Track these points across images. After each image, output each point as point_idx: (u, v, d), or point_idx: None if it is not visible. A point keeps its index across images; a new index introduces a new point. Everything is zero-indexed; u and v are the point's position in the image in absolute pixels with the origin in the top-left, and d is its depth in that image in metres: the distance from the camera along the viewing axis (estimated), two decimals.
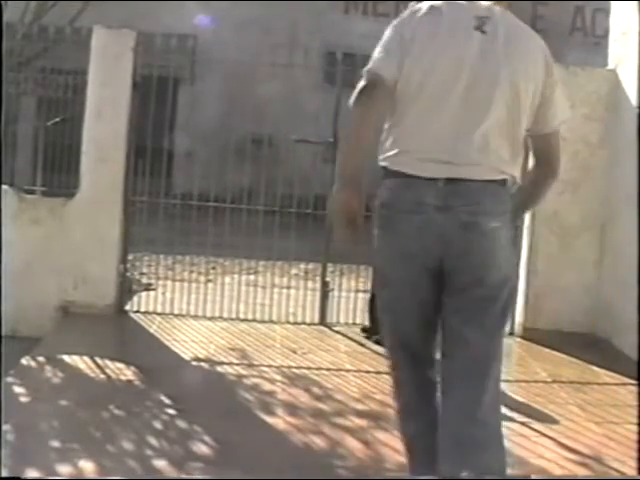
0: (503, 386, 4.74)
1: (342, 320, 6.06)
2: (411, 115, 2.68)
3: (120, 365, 4.75)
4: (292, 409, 4.22)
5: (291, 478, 3.42)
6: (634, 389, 4.80)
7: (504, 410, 4.33)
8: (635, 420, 4.25)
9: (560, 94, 2.85)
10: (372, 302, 5.72)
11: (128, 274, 6.26)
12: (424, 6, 2.72)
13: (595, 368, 5.26)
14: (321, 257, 6.28)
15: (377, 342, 5.22)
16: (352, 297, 6.22)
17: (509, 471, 3.59)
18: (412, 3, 2.75)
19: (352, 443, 3.83)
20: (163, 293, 6.47)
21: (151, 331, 5.65)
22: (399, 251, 2.72)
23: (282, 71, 10.34)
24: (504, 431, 4.01)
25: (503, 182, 2.69)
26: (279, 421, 4.06)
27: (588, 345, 5.77)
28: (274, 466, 3.56)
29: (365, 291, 6.72)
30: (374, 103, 2.67)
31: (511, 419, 4.23)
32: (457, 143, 2.65)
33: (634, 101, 5.82)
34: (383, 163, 2.73)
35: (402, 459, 3.62)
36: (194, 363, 4.99)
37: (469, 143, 2.65)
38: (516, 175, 2.76)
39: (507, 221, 2.71)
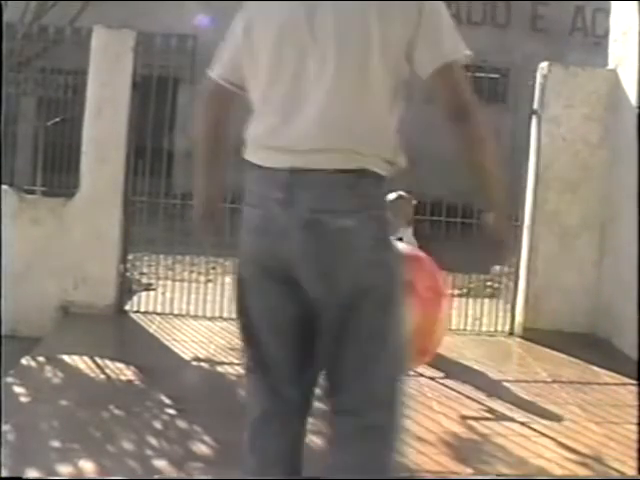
0: (503, 386, 4.77)
1: None
2: (256, 102, 2.38)
3: (120, 365, 4.75)
4: None
5: (291, 478, 3.42)
6: (634, 389, 4.80)
7: (504, 410, 4.36)
8: (635, 420, 4.25)
9: (446, 27, 2.30)
10: None
11: (128, 274, 6.26)
12: None
13: (595, 368, 5.26)
14: None
15: None
16: None
17: (509, 471, 3.61)
18: None
19: None
20: (163, 293, 6.47)
21: (151, 331, 5.65)
22: (246, 251, 2.37)
23: None
24: (504, 431, 4.04)
25: (362, 171, 2.23)
26: None
27: (588, 345, 5.77)
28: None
29: None
30: (212, 109, 2.53)
31: (511, 419, 4.24)
32: (297, 126, 2.25)
33: (634, 101, 5.82)
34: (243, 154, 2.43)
35: (402, 459, 3.63)
36: (194, 363, 4.99)
37: (310, 125, 2.24)
38: (387, 156, 2.29)
39: (371, 219, 2.24)
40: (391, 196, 5.53)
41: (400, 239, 5.41)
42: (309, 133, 2.24)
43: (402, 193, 5.63)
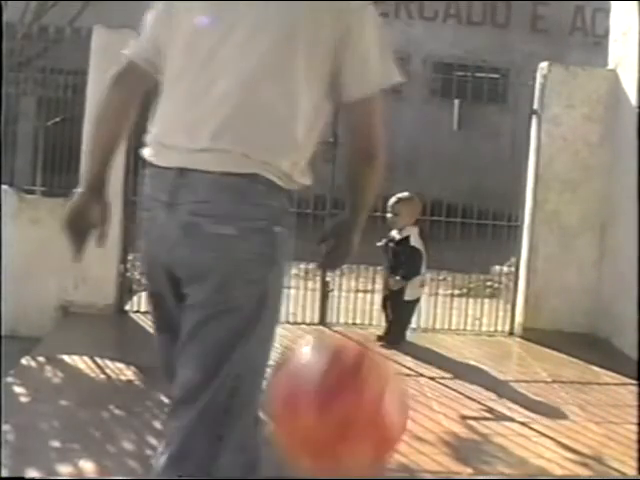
0: (503, 386, 4.77)
1: (342, 320, 6.06)
2: (163, 92, 2.22)
3: (120, 365, 4.74)
4: None
5: (291, 478, 3.42)
6: (634, 389, 4.80)
7: (504, 410, 4.36)
8: (635, 420, 4.25)
9: (376, 50, 2.16)
10: (385, 306, 5.68)
11: (128, 274, 6.26)
12: None
13: (595, 368, 5.26)
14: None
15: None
16: (352, 297, 6.22)
17: (509, 471, 3.61)
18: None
19: None
20: None
21: (151, 331, 5.62)
22: (141, 255, 2.29)
23: None
24: (504, 431, 4.04)
25: (254, 177, 2.05)
26: None
27: (588, 345, 5.78)
28: (274, 466, 3.55)
29: (365, 291, 6.72)
30: (121, 88, 2.29)
31: (511, 419, 4.24)
32: (193, 123, 2.10)
33: (634, 101, 5.82)
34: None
35: (402, 459, 3.63)
36: None
37: (204, 123, 2.08)
38: (284, 168, 2.09)
39: (256, 231, 2.06)
40: (401, 195, 5.53)
41: (407, 238, 5.42)
42: (201, 131, 2.08)
43: (407, 194, 5.62)
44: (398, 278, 5.39)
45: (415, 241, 5.43)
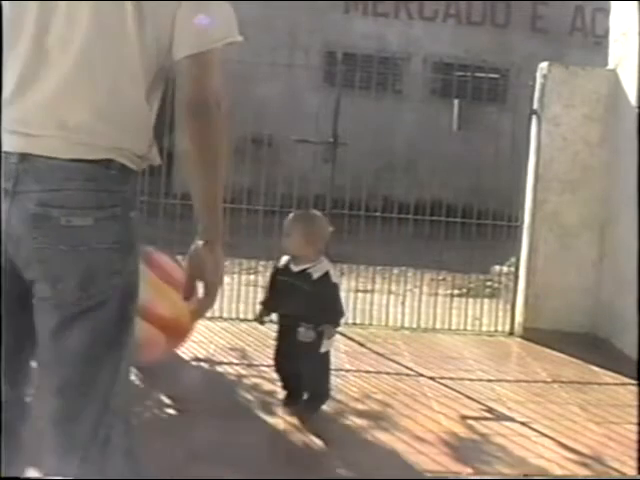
0: (503, 386, 4.78)
1: (342, 320, 6.05)
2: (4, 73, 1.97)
3: None
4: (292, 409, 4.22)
5: (291, 478, 3.42)
6: (634, 389, 4.80)
7: (504, 410, 4.36)
8: (635, 420, 4.25)
9: (213, 6, 2.03)
10: (279, 364, 4.22)
11: None
12: None
13: (595, 368, 5.26)
14: None
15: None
16: (352, 297, 6.21)
17: (509, 471, 3.61)
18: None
19: (352, 443, 3.83)
20: None
21: None
22: None
23: (282, 71, 10.33)
24: (504, 431, 4.04)
25: (106, 162, 1.93)
26: (279, 421, 4.05)
27: (588, 345, 5.78)
28: (274, 466, 3.56)
29: (365, 291, 6.72)
30: None
31: (511, 419, 4.25)
32: (30, 104, 1.92)
33: (634, 101, 5.82)
34: None
35: (402, 459, 3.63)
36: (194, 363, 4.98)
37: (44, 104, 1.92)
38: (137, 151, 2.01)
39: (112, 219, 1.94)
40: (311, 212, 4.44)
41: (327, 274, 4.02)
42: (45, 118, 1.91)
43: (314, 211, 4.48)
44: (318, 328, 3.98)
45: (335, 276, 4.11)
